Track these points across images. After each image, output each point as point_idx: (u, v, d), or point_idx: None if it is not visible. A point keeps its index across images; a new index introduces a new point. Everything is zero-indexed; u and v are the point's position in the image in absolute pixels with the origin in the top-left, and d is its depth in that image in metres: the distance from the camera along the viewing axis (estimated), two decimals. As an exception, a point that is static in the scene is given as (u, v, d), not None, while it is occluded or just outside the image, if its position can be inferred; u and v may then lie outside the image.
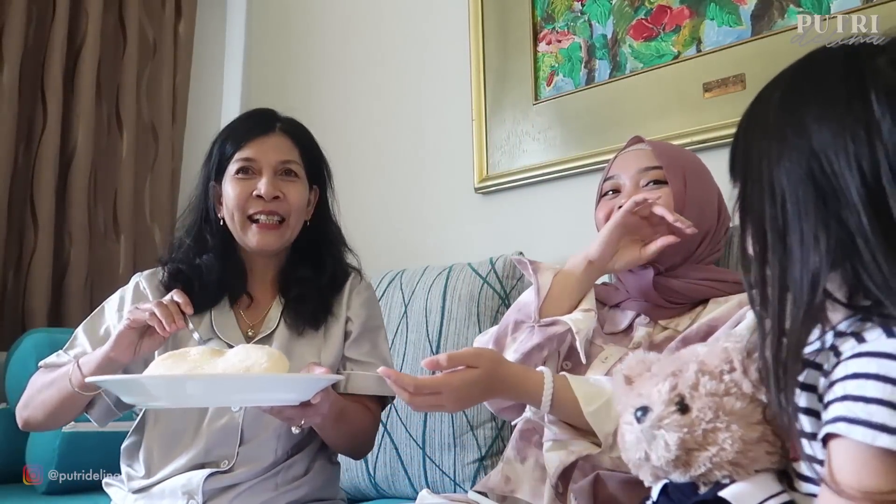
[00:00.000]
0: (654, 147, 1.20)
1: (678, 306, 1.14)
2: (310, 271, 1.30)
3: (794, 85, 0.70)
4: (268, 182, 1.24)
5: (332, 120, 2.27)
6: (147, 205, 2.48)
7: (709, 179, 1.20)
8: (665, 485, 0.74)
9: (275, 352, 0.94)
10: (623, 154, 1.23)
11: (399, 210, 2.12)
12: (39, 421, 1.22)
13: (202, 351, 0.97)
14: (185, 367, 0.93)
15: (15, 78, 2.15)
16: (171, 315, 1.07)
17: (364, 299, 1.33)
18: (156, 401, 1.02)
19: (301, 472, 1.25)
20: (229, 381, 0.93)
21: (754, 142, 0.69)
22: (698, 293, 1.13)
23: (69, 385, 1.15)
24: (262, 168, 1.26)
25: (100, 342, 1.20)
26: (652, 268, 1.15)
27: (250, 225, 1.25)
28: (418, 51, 2.14)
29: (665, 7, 1.63)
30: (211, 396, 0.99)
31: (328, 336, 1.28)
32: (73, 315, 2.21)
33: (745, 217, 0.70)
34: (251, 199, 1.24)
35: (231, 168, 1.26)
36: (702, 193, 1.16)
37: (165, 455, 1.20)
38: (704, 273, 1.14)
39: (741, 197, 0.70)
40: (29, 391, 1.23)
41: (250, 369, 0.91)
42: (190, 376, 0.93)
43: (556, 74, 1.81)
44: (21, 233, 2.19)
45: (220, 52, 2.67)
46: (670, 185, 1.14)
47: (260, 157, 1.26)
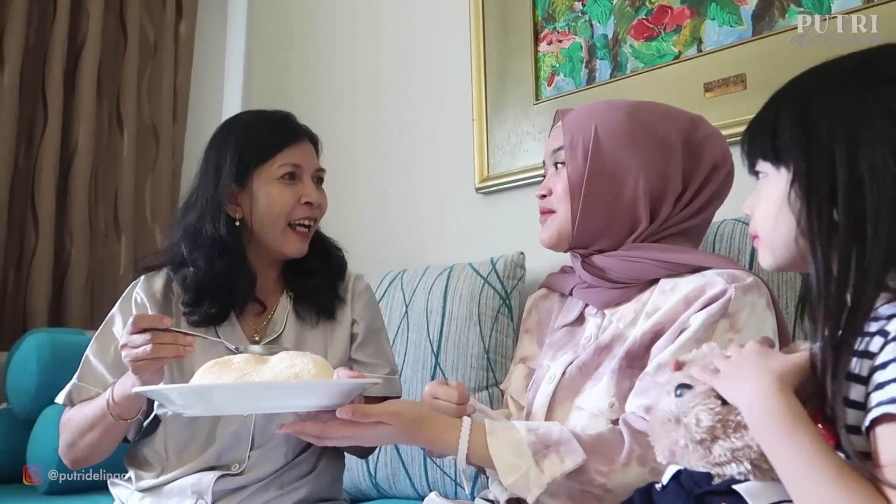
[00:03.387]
0: (564, 122, 1.12)
1: (622, 287, 1.06)
2: (320, 263, 1.30)
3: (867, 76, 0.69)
4: (313, 187, 1.25)
5: (333, 120, 2.27)
6: (148, 205, 2.49)
7: (636, 143, 1.07)
8: (677, 472, 0.74)
9: (318, 358, 0.94)
10: (550, 132, 1.18)
11: (400, 210, 2.12)
12: (90, 459, 1.22)
13: (245, 359, 0.95)
14: (233, 376, 0.91)
15: (16, 78, 2.15)
16: (174, 347, 1.03)
17: (366, 301, 1.34)
18: (215, 409, 0.99)
19: (307, 470, 1.25)
20: (291, 389, 0.91)
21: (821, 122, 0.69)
22: (641, 272, 1.04)
23: (110, 418, 1.13)
24: (303, 174, 1.25)
25: (113, 364, 1.19)
26: (575, 253, 1.11)
27: (291, 232, 1.24)
28: (419, 51, 2.14)
29: (666, 7, 1.63)
30: (269, 402, 0.96)
31: (333, 336, 1.29)
32: (73, 315, 2.21)
33: (809, 197, 0.69)
34: (297, 206, 1.23)
35: (275, 171, 1.23)
36: (615, 163, 1.06)
37: (177, 458, 1.20)
38: (649, 252, 1.05)
39: (802, 177, 0.69)
40: (69, 434, 1.20)
41: (299, 376, 0.90)
42: (259, 385, 0.90)
43: (556, 74, 1.81)
44: (22, 233, 2.19)
45: (221, 53, 2.67)
46: (567, 165, 1.09)
47: (304, 162, 1.25)
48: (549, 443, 0.93)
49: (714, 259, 1.04)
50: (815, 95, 0.71)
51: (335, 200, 1.43)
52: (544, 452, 0.92)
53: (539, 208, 1.16)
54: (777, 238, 0.74)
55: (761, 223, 0.77)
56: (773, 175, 0.74)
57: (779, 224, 0.73)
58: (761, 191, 0.77)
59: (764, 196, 0.76)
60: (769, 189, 0.75)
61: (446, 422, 0.97)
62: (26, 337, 1.89)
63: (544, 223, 1.14)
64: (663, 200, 1.07)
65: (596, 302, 1.08)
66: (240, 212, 1.24)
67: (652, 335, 0.99)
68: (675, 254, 1.04)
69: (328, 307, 1.29)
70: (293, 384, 0.91)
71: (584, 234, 1.09)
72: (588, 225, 1.08)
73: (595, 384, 1.02)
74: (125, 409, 1.13)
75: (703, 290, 0.96)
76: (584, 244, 1.10)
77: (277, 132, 1.26)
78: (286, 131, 1.27)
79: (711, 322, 0.94)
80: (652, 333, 0.99)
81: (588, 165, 1.07)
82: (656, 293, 1.03)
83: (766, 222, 0.76)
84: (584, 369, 1.04)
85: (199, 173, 1.28)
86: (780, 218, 0.73)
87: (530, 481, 0.90)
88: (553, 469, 0.91)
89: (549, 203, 1.13)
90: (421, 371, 1.60)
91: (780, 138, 0.72)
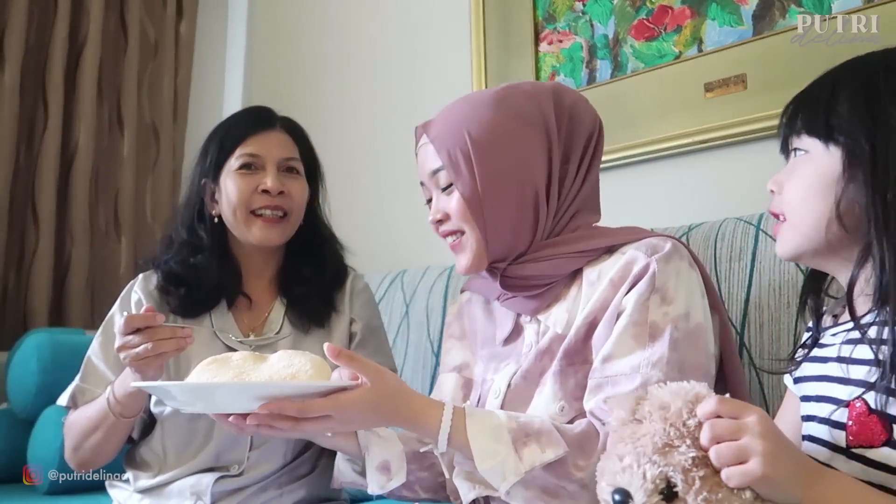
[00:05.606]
0: (433, 140, 1.04)
1: (545, 289, 1.02)
2: (312, 269, 1.30)
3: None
4: (273, 176, 1.24)
5: (333, 119, 2.27)
6: (148, 204, 2.49)
7: (512, 135, 1.01)
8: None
9: (316, 358, 0.93)
10: (419, 153, 1.09)
11: (400, 210, 2.11)
12: (96, 461, 1.21)
13: (244, 356, 0.94)
14: (230, 374, 0.91)
15: (16, 78, 2.15)
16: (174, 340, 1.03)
17: (365, 300, 1.34)
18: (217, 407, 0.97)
19: (306, 470, 1.26)
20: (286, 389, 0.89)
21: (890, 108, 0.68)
22: (559, 268, 1.01)
23: (112, 417, 1.13)
24: (266, 164, 1.25)
25: (115, 363, 1.19)
26: (488, 274, 1.06)
27: (255, 220, 1.24)
28: (420, 50, 2.14)
29: (666, 7, 1.63)
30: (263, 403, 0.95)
31: (332, 335, 1.29)
32: (74, 315, 2.21)
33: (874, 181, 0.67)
34: (256, 194, 1.23)
35: (233, 163, 1.25)
36: (502, 163, 1.00)
37: (176, 459, 1.20)
38: (560, 247, 1.01)
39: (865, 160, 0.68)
40: (73, 437, 1.20)
41: (296, 376, 0.89)
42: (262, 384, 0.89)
43: (557, 74, 1.81)
44: (22, 232, 2.19)
45: (222, 52, 2.67)
46: (456, 183, 1.01)
47: (263, 152, 1.25)
48: (529, 431, 0.90)
49: (625, 234, 1.01)
50: (881, 80, 0.69)
51: (335, 200, 1.43)
52: (524, 441, 0.89)
53: (440, 234, 1.07)
54: (807, 219, 0.72)
55: (791, 202, 0.74)
56: (819, 153, 0.72)
57: (814, 204, 0.71)
58: (797, 168, 0.74)
59: (800, 173, 0.73)
60: (809, 167, 0.72)
61: (427, 401, 0.93)
62: (27, 337, 1.89)
63: (458, 249, 1.05)
64: (552, 180, 1.02)
65: (526, 310, 1.04)
66: (216, 208, 1.27)
67: (586, 327, 0.96)
68: (586, 241, 1.01)
69: (318, 317, 1.28)
70: (290, 384, 0.89)
71: (498, 248, 1.03)
72: (500, 237, 1.02)
73: (541, 390, 0.99)
74: (127, 407, 1.13)
75: (628, 268, 0.94)
76: (503, 257, 1.04)
77: (240, 125, 1.28)
78: (247, 122, 1.28)
79: (643, 301, 0.92)
80: (586, 326, 0.96)
81: (478, 177, 1.00)
82: (584, 286, 0.99)
83: (799, 202, 0.73)
84: (529, 377, 1.00)
85: (189, 175, 1.32)
86: (818, 198, 0.70)
87: (507, 468, 0.87)
88: (532, 458, 0.88)
89: (451, 226, 1.04)
90: (421, 371, 1.60)
91: (839, 116, 0.70)
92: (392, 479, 1.02)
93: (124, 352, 1.03)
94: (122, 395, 1.11)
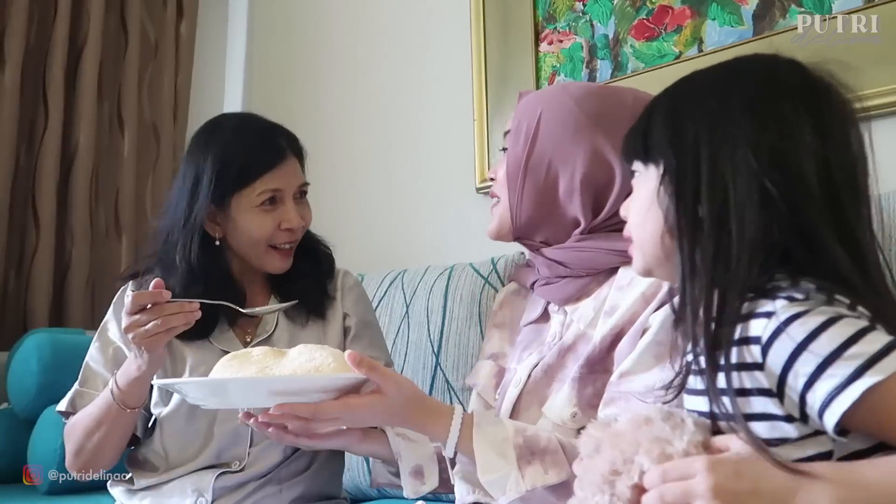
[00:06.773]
0: (518, 105, 1.08)
1: (579, 280, 1.03)
2: (308, 264, 1.30)
3: (733, 81, 0.73)
4: (294, 212, 1.22)
5: (333, 120, 2.27)
6: (148, 205, 2.49)
7: (579, 132, 1.02)
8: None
9: (336, 350, 0.93)
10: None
11: (400, 210, 2.11)
12: (99, 463, 1.19)
13: (264, 351, 0.94)
14: (252, 369, 0.90)
15: (17, 78, 2.15)
16: (182, 315, 1.03)
17: (356, 296, 1.35)
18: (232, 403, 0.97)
19: (304, 466, 1.25)
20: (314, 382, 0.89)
21: (689, 124, 0.71)
22: (594, 262, 1.02)
23: (115, 409, 1.12)
24: (286, 196, 1.22)
25: (114, 366, 1.19)
26: (525, 245, 1.09)
27: (273, 252, 1.23)
28: (420, 50, 2.14)
29: (666, 7, 1.63)
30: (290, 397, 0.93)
31: (327, 331, 1.29)
32: (74, 315, 2.21)
33: (677, 193, 0.70)
34: (278, 231, 1.22)
35: (254, 198, 1.19)
36: (555, 151, 1.02)
37: (177, 457, 1.20)
38: (599, 242, 1.02)
39: (671, 174, 0.71)
40: (76, 440, 1.18)
41: (319, 369, 0.89)
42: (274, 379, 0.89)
43: (557, 74, 1.81)
44: (22, 232, 2.19)
45: (222, 52, 2.66)
46: (508, 150, 1.06)
47: (285, 185, 1.22)
48: (535, 449, 0.90)
49: None
50: (684, 99, 0.74)
51: (335, 200, 1.43)
52: (529, 459, 0.89)
53: (489, 193, 1.12)
54: (645, 236, 0.75)
55: (632, 224, 0.78)
56: (644, 173, 0.76)
57: (647, 221, 0.74)
58: (634, 191, 0.79)
59: (634, 196, 0.78)
60: (640, 190, 0.76)
61: (438, 407, 0.94)
62: (27, 337, 1.89)
63: (492, 213, 1.11)
64: (609, 191, 1.02)
65: (555, 298, 1.06)
66: (219, 231, 1.23)
67: (612, 338, 0.96)
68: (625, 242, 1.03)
69: (319, 308, 1.29)
70: (317, 377, 0.89)
71: (522, 224, 1.06)
72: (525, 214, 1.05)
73: (558, 392, 0.99)
74: (130, 396, 1.12)
75: (661, 285, 0.94)
76: (526, 235, 1.07)
77: (258, 154, 1.21)
78: (267, 153, 1.21)
79: (670, 323, 0.91)
80: (612, 336, 0.96)
81: (526, 152, 1.04)
82: (614, 289, 1.00)
83: (638, 224, 0.77)
84: (550, 371, 1.01)
85: (178, 181, 1.24)
86: (650, 215, 0.74)
87: (508, 485, 0.88)
88: (534, 479, 0.88)
89: (494, 188, 1.11)
90: (422, 371, 1.60)
91: (651, 138, 0.74)
92: (425, 484, 1.05)
93: (133, 331, 1.03)
94: (126, 383, 1.11)
